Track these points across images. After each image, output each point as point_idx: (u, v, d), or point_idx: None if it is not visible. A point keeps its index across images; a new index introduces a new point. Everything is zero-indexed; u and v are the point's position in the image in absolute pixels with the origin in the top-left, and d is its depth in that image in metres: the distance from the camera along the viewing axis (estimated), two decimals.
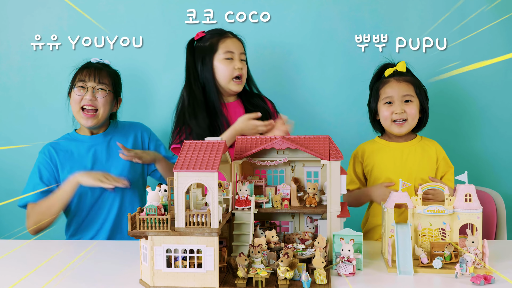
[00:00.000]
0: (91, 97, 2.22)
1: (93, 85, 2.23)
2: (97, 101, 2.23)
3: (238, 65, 2.19)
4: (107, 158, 2.28)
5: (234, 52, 2.21)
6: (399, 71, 2.20)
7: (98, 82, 2.24)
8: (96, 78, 2.24)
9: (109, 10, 2.64)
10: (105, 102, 2.25)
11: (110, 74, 2.30)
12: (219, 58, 2.21)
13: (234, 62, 2.20)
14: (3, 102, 2.69)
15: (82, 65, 2.31)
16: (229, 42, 2.23)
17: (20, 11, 2.66)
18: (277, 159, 1.74)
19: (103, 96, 2.24)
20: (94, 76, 2.24)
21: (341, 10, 2.59)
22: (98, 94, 2.24)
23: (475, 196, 1.59)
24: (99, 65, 2.31)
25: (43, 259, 1.76)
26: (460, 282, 1.45)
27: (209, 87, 2.24)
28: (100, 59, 2.34)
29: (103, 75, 2.27)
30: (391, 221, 1.60)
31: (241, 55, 2.23)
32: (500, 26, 2.54)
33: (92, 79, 2.24)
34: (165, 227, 1.41)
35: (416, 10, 2.58)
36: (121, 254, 1.82)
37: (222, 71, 2.21)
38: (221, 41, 2.24)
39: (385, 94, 2.18)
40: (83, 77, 2.24)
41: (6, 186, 2.66)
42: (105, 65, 2.33)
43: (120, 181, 2.09)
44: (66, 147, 2.29)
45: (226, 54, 2.21)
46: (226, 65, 2.20)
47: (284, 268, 1.40)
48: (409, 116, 2.15)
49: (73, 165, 2.25)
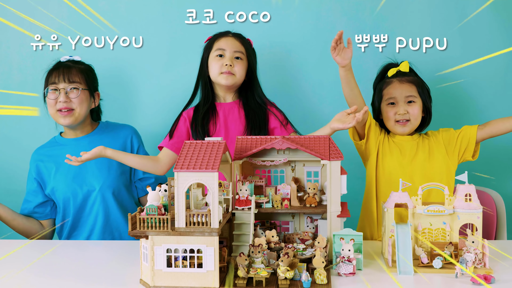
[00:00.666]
0: (65, 99, 2.18)
1: (64, 86, 2.19)
2: (71, 102, 2.19)
3: (228, 61, 2.19)
4: (91, 161, 2.19)
5: (225, 49, 2.21)
6: (402, 71, 2.21)
7: (69, 82, 2.19)
8: (66, 78, 2.19)
9: (109, 10, 2.64)
10: (81, 101, 2.21)
11: (82, 71, 2.25)
12: (212, 56, 2.23)
13: (224, 59, 2.20)
14: (3, 102, 2.69)
15: (52, 66, 2.26)
16: (223, 41, 2.23)
17: (20, 11, 2.65)
18: (277, 159, 1.74)
19: (77, 96, 2.19)
20: (63, 76, 2.19)
21: (341, 10, 2.59)
22: (71, 94, 2.19)
23: (475, 196, 1.59)
24: (69, 63, 2.25)
25: (43, 259, 1.76)
26: (460, 282, 1.45)
27: (203, 85, 2.26)
28: (70, 56, 2.29)
29: (74, 73, 2.21)
30: (391, 221, 1.61)
31: (235, 53, 2.21)
32: (500, 26, 2.54)
33: (63, 80, 2.19)
34: (166, 227, 1.41)
35: (416, 10, 2.57)
36: (121, 254, 1.82)
37: (212, 67, 2.22)
38: (217, 40, 2.25)
39: (388, 94, 2.18)
40: (54, 79, 2.20)
41: (6, 186, 2.66)
42: (75, 62, 2.27)
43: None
44: (51, 152, 2.29)
45: (217, 51, 2.21)
46: (216, 61, 2.20)
47: (284, 268, 1.40)
48: (411, 117, 2.16)
49: (58, 170, 2.25)
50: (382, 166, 2.19)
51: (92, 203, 2.24)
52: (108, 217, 2.25)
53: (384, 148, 2.20)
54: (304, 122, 2.54)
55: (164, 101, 2.65)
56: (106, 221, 2.25)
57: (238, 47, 2.23)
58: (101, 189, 2.23)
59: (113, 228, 2.26)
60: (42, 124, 2.65)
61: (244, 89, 2.29)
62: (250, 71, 2.27)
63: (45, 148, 2.33)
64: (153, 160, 2.18)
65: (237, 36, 2.27)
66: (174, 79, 2.64)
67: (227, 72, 2.18)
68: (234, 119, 2.24)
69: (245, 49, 2.25)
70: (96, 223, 2.25)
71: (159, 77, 2.66)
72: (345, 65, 2.02)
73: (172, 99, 2.61)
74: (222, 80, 2.19)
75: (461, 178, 1.62)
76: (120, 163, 2.23)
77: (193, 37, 2.60)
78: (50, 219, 2.32)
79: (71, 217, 2.25)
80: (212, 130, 2.23)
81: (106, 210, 2.25)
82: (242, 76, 2.23)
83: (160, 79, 2.67)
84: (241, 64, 2.21)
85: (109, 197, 2.24)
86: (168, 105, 2.61)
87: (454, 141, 2.18)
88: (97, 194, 2.23)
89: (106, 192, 2.24)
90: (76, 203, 2.24)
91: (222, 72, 2.18)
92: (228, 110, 2.26)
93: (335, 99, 2.61)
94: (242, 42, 2.26)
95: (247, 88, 2.29)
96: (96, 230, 2.25)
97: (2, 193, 2.66)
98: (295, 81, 2.64)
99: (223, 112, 2.25)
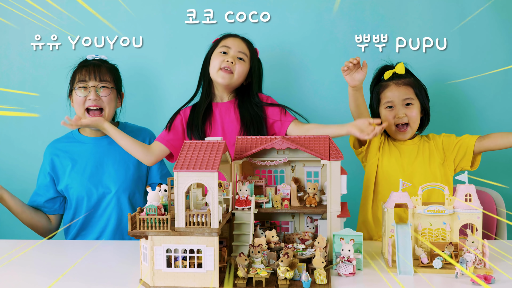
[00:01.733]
0: (95, 96, 2.17)
1: (95, 84, 2.18)
2: (101, 100, 2.18)
3: (230, 58, 2.17)
4: (108, 161, 2.23)
5: (230, 47, 2.19)
6: (398, 73, 2.20)
7: (99, 80, 2.18)
8: (97, 76, 2.18)
9: (109, 10, 2.64)
10: (110, 100, 2.20)
11: (110, 70, 2.25)
12: (216, 52, 2.21)
13: (227, 56, 2.17)
14: (3, 102, 2.69)
15: (79, 63, 2.25)
16: (230, 40, 2.22)
17: (20, 11, 2.65)
18: (277, 159, 1.74)
19: (107, 94, 2.19)
20: (94, 74, 2.18)
21: (341, 10, 2.59)
22: (101, 92, 2.19)
23: (475, 196, 1.59)
24: (97, 61, 2.24)
25: (43, 259, 1.76)
26: (460, 282, 1.45)
27: (205, 84, 2.25)
28: (96, 55, 2.29)
29: (104, 72, 2.21)
30: (391, 221, 1.61)
31: (239, 53, 2.19)
32: (500, 26, 2.54)
33: (93, 78, 2.18)
34: (165, 227, 1.41)
35: (416, 10, 2.57)
36: (121, 254, 1.83)
37: (213, 63, 2.19)
38: (224, 39, 2.24)
39: (386, 98, 2.18)
40: (83, 77, 2.18)
41: (6, 186, 2.64)
42: (103, 61, 2.26)
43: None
44: (68, 148, 2.27)
45: (222, 48, 2.19)
46: (219, 57, 2.18)
47: (284, 268, 1.40)
48: (410, 120, 2.16)
49: (74, 167, 2.24)
50: (382, 168, 2.19)
51: (106, 205, 2.23)
52: (121, 221, 2.23)
53: (384, 150, 2.21)
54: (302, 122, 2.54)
55: (163, 102, 2.65)
56: (118, 225, 2.23)
57: (243, 48, 2.22)
58: (117, 192, 2.22)
59: (124, 232, 2.24)
60: (42, 124, 2.65)
61: (241, 91, 2.27)
62: (250, 76, 2.24)
63: (62, 142, 2.30)
64: (145, 148, 2.12)
65: (245, 39, 2.26)
66: (174, 79, 2.64)
67: (227, 69, 2.15)
68: (231, 119, 2.22)
69: (250, 52, 2.23)
70: (108, 226, 2.23)
71: (159, 77, 2.66)
72: (355, 85, 2.00)
73: (171, 99, 2.61)
74: (219, 78, 2.16)
75: (461, 178, 1.62)
76: (138, 167, 2.25)
77: (193, 37, 2.61)
78: (58, 215, 2.31)
79: (82, 217, 2.23)
80: (208, 130, 2.22)
81: (120, 214, 2.23)
82: (240, 77, 2.20)
83: (160, 79, 2.66)
84: (242, 65, 2.19)
85: (124, 201, 2.23)
86: (167, 105, 2.61)
87: (452, 148, 2.18)
88: (112, 197, 2.22)
89: (122, 195, 2.22)
90: (90, 203, 2.22)
91: (221, 68, 2.16)
92: (224, 109, 2.25)
93: (335, 99, 2.62)
94: (248, 46, 2.24)
95: (245, 91, 2.27)
96: (107, 232, 2.23)
97: None
98: (295, 81, 2.64)
99: (219, 112, 2.24)
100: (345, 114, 2.60)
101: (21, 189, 2.42)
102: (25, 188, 2.51)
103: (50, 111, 2.66)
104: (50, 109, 2.66)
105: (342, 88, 2.61)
